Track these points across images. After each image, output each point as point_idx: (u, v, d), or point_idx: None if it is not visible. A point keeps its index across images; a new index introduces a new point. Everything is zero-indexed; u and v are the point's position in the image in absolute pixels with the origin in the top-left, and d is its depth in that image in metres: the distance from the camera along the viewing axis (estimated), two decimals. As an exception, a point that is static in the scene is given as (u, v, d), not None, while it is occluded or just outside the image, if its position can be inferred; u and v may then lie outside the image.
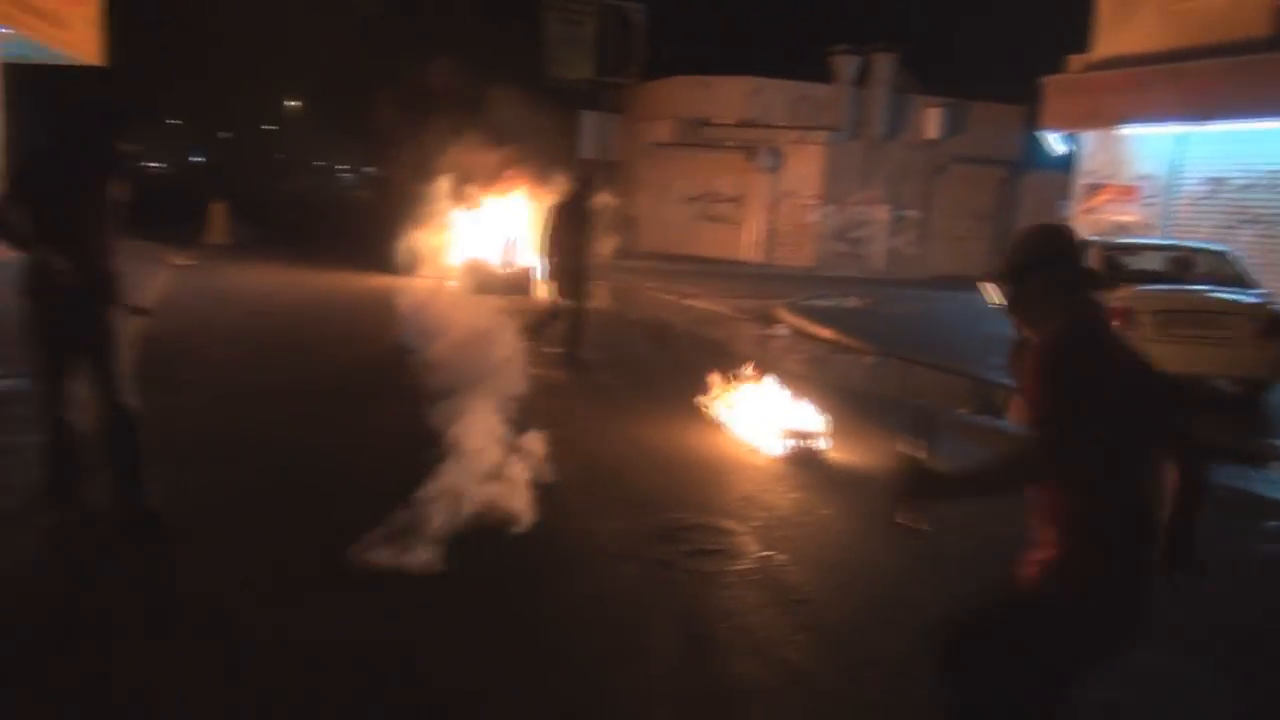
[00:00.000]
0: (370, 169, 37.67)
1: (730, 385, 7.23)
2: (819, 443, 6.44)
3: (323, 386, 7.80)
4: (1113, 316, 8.59)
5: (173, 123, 53.35)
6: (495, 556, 4.49)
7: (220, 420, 6.47)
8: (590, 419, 7.35)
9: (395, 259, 14.23)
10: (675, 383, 7.99)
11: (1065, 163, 16.06)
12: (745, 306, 14.35)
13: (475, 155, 13.94)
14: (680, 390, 7.58)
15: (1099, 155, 14.91)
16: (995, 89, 21.67)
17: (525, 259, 14.44)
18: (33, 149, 4.49)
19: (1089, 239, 11.66)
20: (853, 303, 15.26)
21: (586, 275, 9.08)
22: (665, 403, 7.59)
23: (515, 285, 13.61)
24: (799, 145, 22.52)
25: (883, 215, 22.86)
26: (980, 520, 5.65)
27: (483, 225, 14.89)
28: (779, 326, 12.95)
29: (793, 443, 6.39)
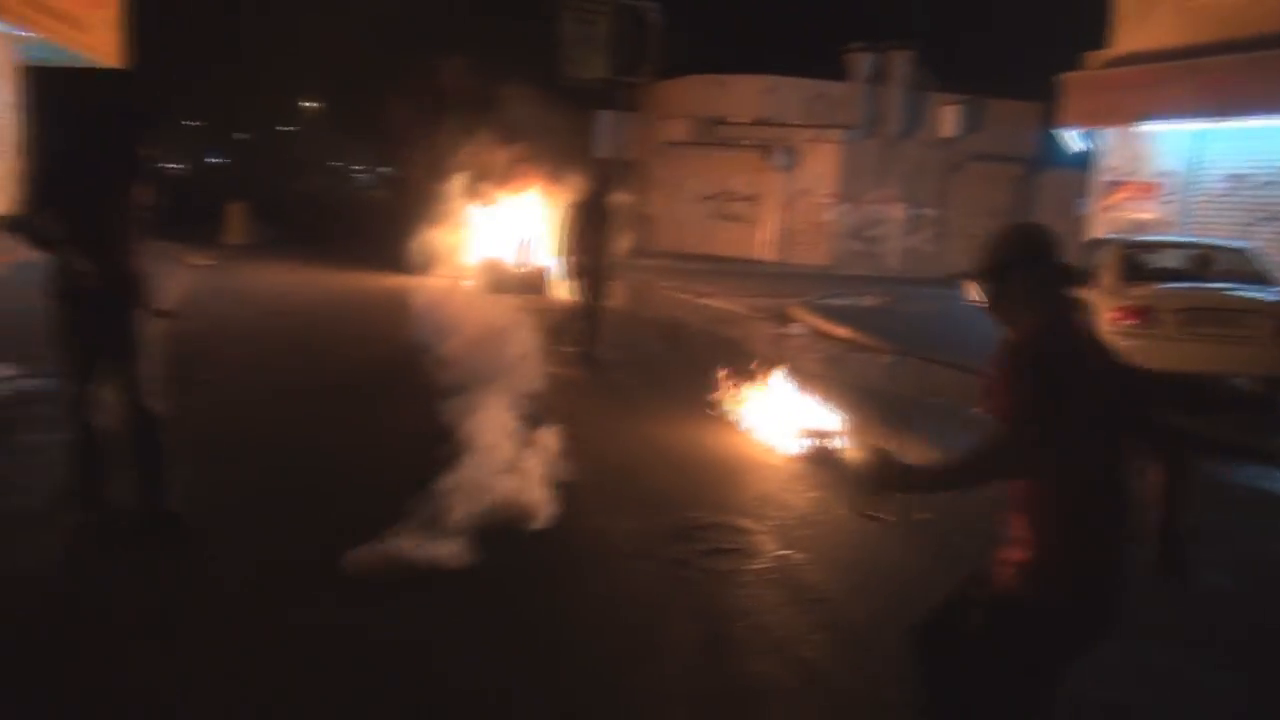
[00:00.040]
0: (385, 169, 37.82)
1: (746, 384, 7.22)
2: (836, 442, 6.42)
3: (339, 385, 7.85)
4: (1132, 315, 8.58)
5: (190, 124, 53.70)
6: (510, 555, 4.50)
7: (238, 419, 6.52)
8: (605, 417, 7.36)
9: (410, 258, 14.27)
10: (691, 382, 7.98)
11: (1083, 160, 15.94)
12: (761, 305, 14.32)
13: (490, 155, 13.96)
14: (696, 389, 7.58)
15: (1118, 152, 14.79)
16: (1012, 86, 21.53)
17: (540, 258, 14.47)
18: (56, 152, 4.53)
19: (1108, 237, 11.61)
20: (869, 301, 15.21)
21: (605, 274, 9.08)
22: (681, 401, 7.59)
23: (530, 284, 13.63)
24: (814, 144, 22.46)
25: (898, 214, 22.76)
26: (993, 512, 5.64)
27: (498, 224, 14.92)
28: (795, 325, 12.92)
29: (809, 442, 6.37)
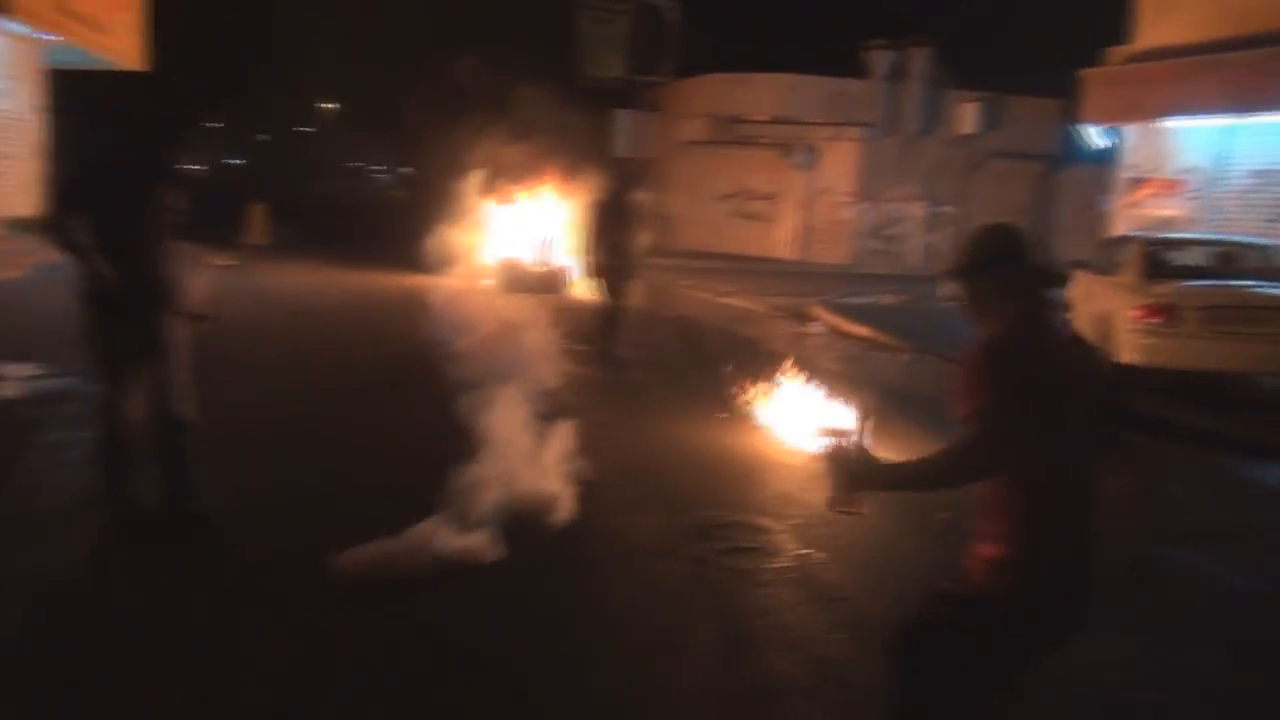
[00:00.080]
0: (404, 169, 37.98)
1: (765, 383, 7.20)
2: (854, 440, 6.38)
3: (360, 384, 7.89)
4: (1155, 313, 8.50)
5: (211, 126, 54.11)
6: (532, 553, 4.51)
7: (262, 418, 6.56)
8: (625, 416, 7.37)
9: (429, 259, 14.33)
10: (710, 381, 7.98)
11: (1105, 157, 15.81)
12: (780, 304, 14.29)
13: (508, 155, 14.00)
14: (715, 388, 7.58)
15: (1141, 149, 14.65)
16: (1032, 83, 21.37)
17: (558, 258, 14.50)
18: (84, 157, 4.57)
19: (1130, 234, 11.50)
20: (888, 300, 15.14)
21: (628, 273, 9.07)
22: (700, 400, 7.59)
23: (549, 284, 13.66)
24: (834, 142, 22.38)
25: (918, 212, 22.65)
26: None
27: (516, 224, 14.96)
28: (814, 324, 12.88)
29: (829, 440, 6.34)
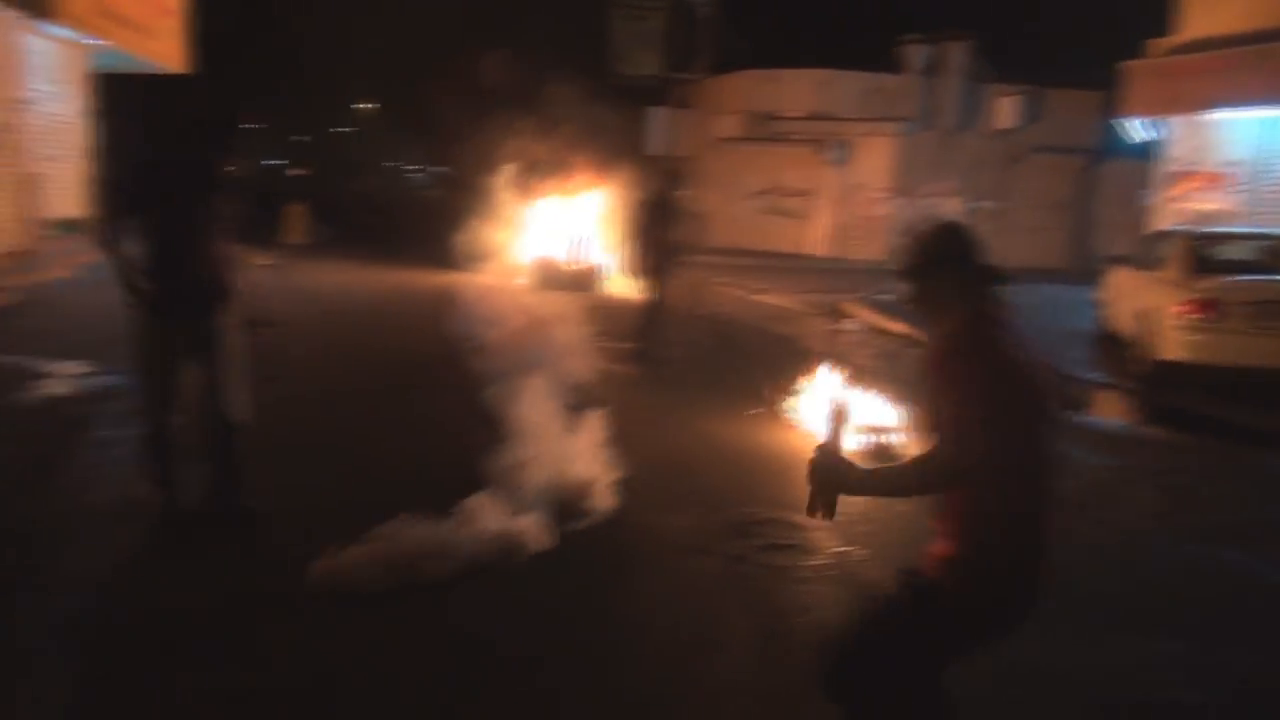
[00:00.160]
0: (439, 168, 38.27)
1: (801, 380, 7.18)
2: (893, 438, 6.36)
3: (398, 381, 7.98)
4: (1199, 309, 8.36)
5: (250, 127, 54.83)
6: (569, 549, 4.54)
7: (306, 415, 6.66)
8: (661, 413, 7.38)
9: (464, 256, 14.44)
10: (745, 378, 7.97)
11: (1147, 150, 15.56)
12: (814, 301, 14.22)
13: (541, 153, 14.06)
14: (750, 385, 7.57)
15: (1184, 142, 14.40)
16: (1072, 76, 21.05)
17: (592, 256, 14.54)
18: (136, 161, 4.65)
19: (1174, 228, 11.31)
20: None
21: (670, 271, 9.06)
22: (735, 398, 7.58)
23: (583, 282, 13.70)
24: (869, 137, 22.21)
25: (956, 207, 22.36)
26: (1063, 519, 5.54)
27: (550, 222, 15.02)
28: (849, 321, 12.80)
29: (866, 438, 6.33)
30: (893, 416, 6.50)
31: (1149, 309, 9.16)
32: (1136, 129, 15.17)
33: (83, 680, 3.36)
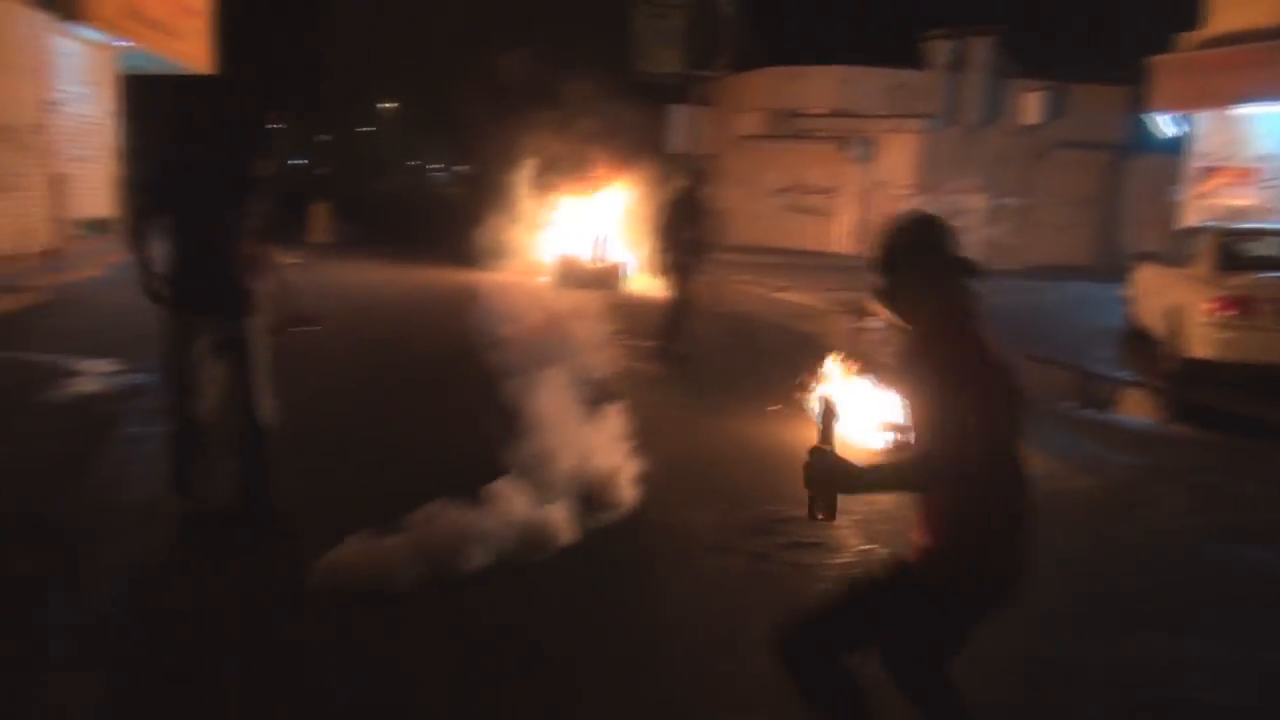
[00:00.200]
0: (461, 167, 38.41)
1: (823, 378, 7.15)
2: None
3: (423, 378, 8.05)
4: (1230, 306, 8.26)
5: (274, 127, 55.22)
6: (592, 545, 4.55)
7: (334, 411, 6.71)
8: (683, 411, 7.38)
9: (486, 255, 14.50)
10: (768, 376, 7.95)
11: (1175, 145, 15.39)
12: (837, 299, 14.15)
13: (563, 151, 14.10)
14: (773, 383, 7.55)
15: (1213, 137, 14.23)
16: (1098, 71, 20.84)
17: (614, 254, 14.56)
18: (165, 162, 4.69)
19: (1203, 224, 11.18)
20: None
21: (696, 270, 9.05)
22: (758, 396, 7.57)
23: (605, 280, 13.73)
24: (892, 134, 22.08)
25: (979, 204, 22.22)
26: (1091, 519, 5.51)
27: (572, 220, 15.06)
28: (872, 319, 12.73)
29: (890, 436, 6.29)
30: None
31: (1177, 306, 9.07)
32: (1165, 124, 15.01)
33: (116, 674, 3.40)
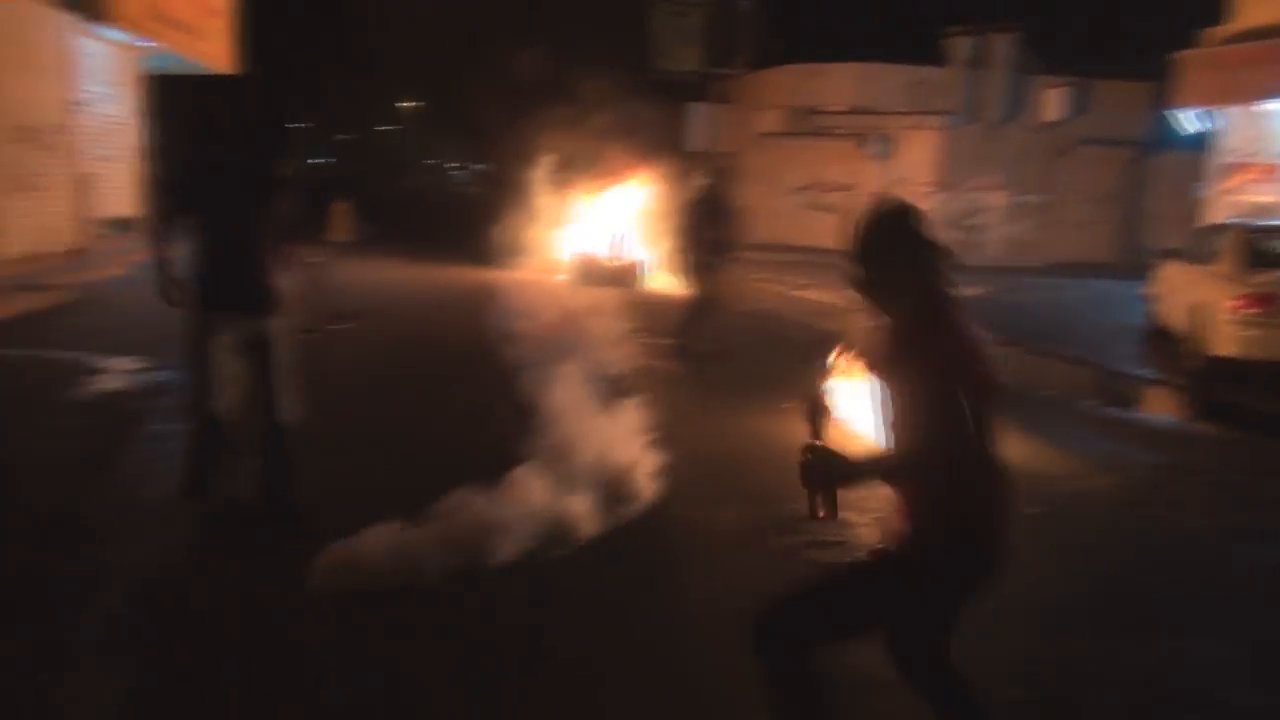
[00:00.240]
0: (481, 165, 38.54)
1: (845, 377, 7.12)
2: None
3: (443, 374, 8.08)
4: (1255, 303, 8.18)
5: (296, 126, 55.57)
6: (613, 542, 4.56)
7: (355, 409, 6.73)
8: (705, 409, 7.38)
9: (505, 253, 14.54)
10: (788, 374, 7.92)
11: (1200, 142, 15.23)
12: (858, 297, 14.10)
13: (582, 150, 14.11)
14: (793, 382, 7.52)
15: (1239, 133, 14.07)
16: (1121, 66, 20.65)
17: (633, 252, 14.56)
18: (190, 161, 4.73)
19: (1228, 221, 11.06)
20: (970, 291, 14.77)
21: (719, 268, 9.02)
22: (779, 394, 7.55)
23: (624, 278, 13.73)
24: (913, 131, 21.96)
25: (1000, 201, 22.09)
26: (1108, 508, 5.48)
27: (591, 218, 15.07)
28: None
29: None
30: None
31: (1201, 304, 8.98)
32: (1189, 120, 14.85)
33: (128, 673, 3.43)
